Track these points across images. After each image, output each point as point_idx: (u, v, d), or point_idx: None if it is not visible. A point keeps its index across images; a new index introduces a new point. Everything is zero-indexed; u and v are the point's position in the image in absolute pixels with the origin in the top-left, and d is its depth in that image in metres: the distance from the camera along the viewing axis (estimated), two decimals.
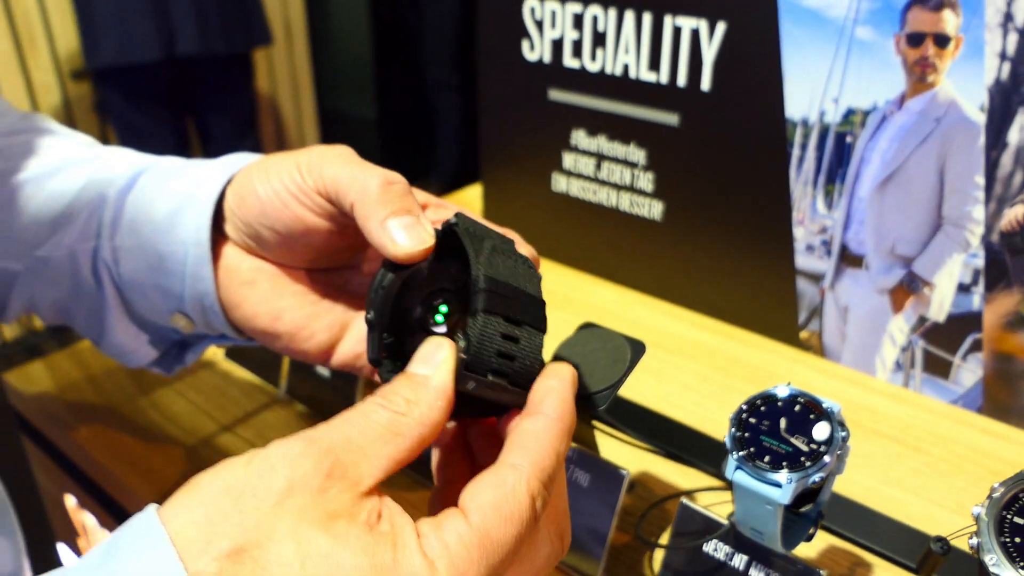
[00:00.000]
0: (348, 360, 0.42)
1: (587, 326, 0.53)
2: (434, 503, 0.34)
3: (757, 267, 0.77)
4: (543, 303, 0.34)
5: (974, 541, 0.35)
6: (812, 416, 0.41)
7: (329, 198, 0.36)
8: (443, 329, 0.34)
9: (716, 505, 0.57)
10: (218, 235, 0.41)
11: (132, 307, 0.46)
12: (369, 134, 4.68)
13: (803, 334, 0.76)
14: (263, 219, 0.38)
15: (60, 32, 2.57)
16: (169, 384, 0.73)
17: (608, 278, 0.88)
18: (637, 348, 0.51)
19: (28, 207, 0.47)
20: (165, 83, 2.24)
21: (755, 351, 0.77)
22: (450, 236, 0.33)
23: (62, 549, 0.81)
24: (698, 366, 0.74)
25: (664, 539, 0.54)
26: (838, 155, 0.69)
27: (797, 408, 0.42)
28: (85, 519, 0.73)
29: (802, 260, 0.74)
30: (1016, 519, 0.35)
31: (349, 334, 0.42)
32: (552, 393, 0.31)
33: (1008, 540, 0.34)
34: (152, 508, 0.23)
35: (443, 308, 0.34)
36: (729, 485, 0.43)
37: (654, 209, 0.82)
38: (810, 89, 0.68)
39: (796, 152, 0.71)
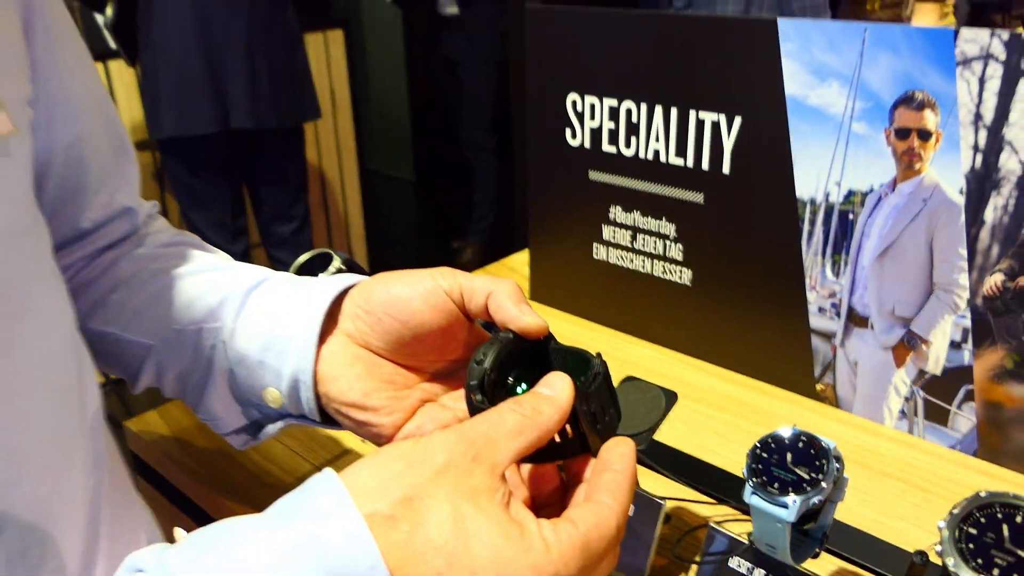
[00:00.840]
0: (410, 435, 0.50)
1: (629, 379, 0.64)
2: None
3: (776, 327, 0.87)
4: (616, 404, 0.44)
5: (939, 548, 0.45)
6: (813, 451, 0.51)
7: (458, 296, 0.47)
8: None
9: (740, 535, 0.66)
10: (329, 327, 0.51)
11: (235, 380, 0.55)
12: (408, 195, 4.87)
13: (819, 386, 0.86)
14: (388, 308, 0.48)
15: (125, 106, 2.77)
16: None
17: (644, 337, 0.99)
18: (671, 397, 0.62)
19: (172, 297, 0.58)
20: (221, 153, 2.38)
21: (776, 401, 0.87)
22: (552, 352, 0.44)
23: None
24: (726, 415, 0.84)
25: (696, 559, 0.64)
26: (842, 230, 0.79)
27: (800, 444, 0.52)
28: None
29: (815, 320, 0.84)
30: (970, 530, 0.44)
31: (414, 419, 0.51)
32: (626, 457, 0.39)
33: (963, 547, 0.44)
34: (329, 469, 0.34)
35: (523, 385, 0.45)
36: (747, 509, 0.53)
37: (684, 275, 0.93)
38: (816, 173, 0.79)
39: (806, 227, 0.82)
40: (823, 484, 0.50)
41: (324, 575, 0.30)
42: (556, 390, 0.39)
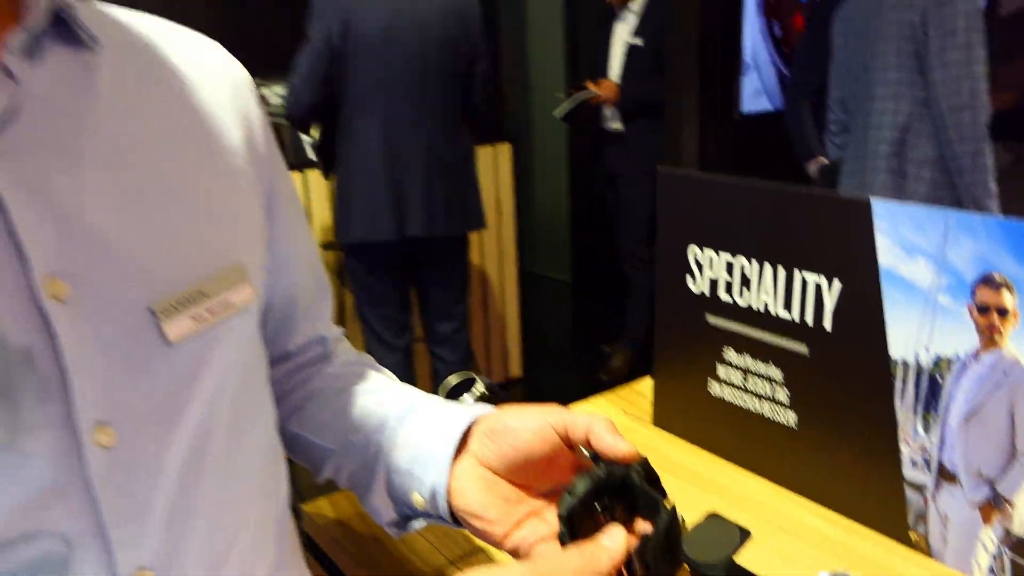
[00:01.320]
0: (516, 544, 0.63)
1: (713, 516, 0.74)
2: None
3: (872, 474, 0.94)
4: (679, 552, 0.55)
5: None
6: None
7: (563, 430, 0.60)
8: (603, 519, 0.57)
9: None
10: (461, 448, 0.65)
11: (391, 483, 0.70)
12: (565, 296, 5.07)
13: (912, 535, 0.91)
14: (506, 437, 0.63)
15: (317, 210, 3.14)
16: None
17: (752, 469, 1.08)
18: (744, 534, 0.72)
19: (351, 412, 0.75)
20: (397, 257, 2.66)
21: (870, 545, 0.93)
22: (633, 487, 0.56)
23: None
24: (819, 554, 0.91)
25: None
26: (932, 391, 0.87)
27: None
28: None
29: (909, 472, 0.90)
30: None
31: (521, 529, 0.63)
32: None
33: None
34: None
35: (604, 516, 0.57)
36: None
37: (789, 417, 1.02)
38: (907, 337, 0.88)
39: (899, 384, 0.89)
40: None
41: None
42: (614, 543, 0.50)
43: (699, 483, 1.06)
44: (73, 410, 0.48)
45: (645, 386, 1.32)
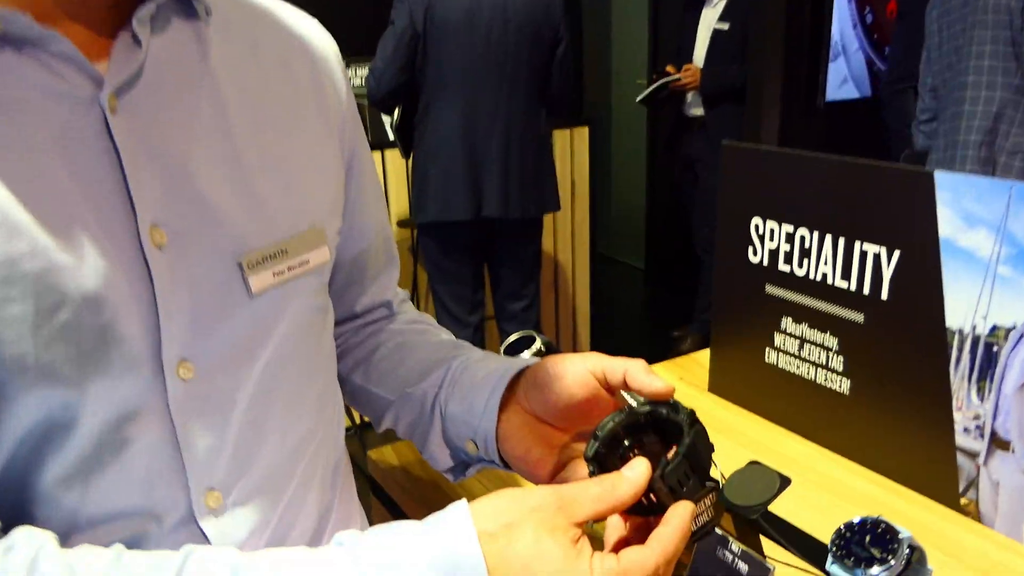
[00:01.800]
0: (552, 480, 0.67)
1: (753, 463, 0.77)
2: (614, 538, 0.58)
3: (925, 440, 0.95)
4: (707, 470, 0.57)
5: None
6: (888, 536, 0.63)
7: (601, 375, 0.64)
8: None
9: None
10: (509, 397, 0.69)
11: (446, 432, 0.74)
12: (636, 281, 5.07)
13: (963, 500, 0.93)
14: (549, 383, 0.66)
15: (394, 190, 3.22)
16: None
17: (804, 435, 1.10)
18: (784, 481, 0.75)
19: (409, 363, 0.79)
20: (470, 237, 2.70)
21: (919, 509, 0.94)
22: (660, 421, 0.60)
23: None
24: (865, 513, 0.93)
25: None
26: (987, 359, 0.88)
27: (879, 530, 0.64)
28: None
29: (961, 439, 0.92)
30: None
31: (565, 470, 0.66)
32: (680, 517, 0.52)
33: None
34: (464, 500, 0.50)
35: (635, 451, 0.60)
36: None
37: (843, 385, 1.03)
38: (965, 306, 0.89)
39: (955, 353, 0.90)
40: (891, 562, 0.61)
41: (446, 563, 0.47)
42: (635, 473, 0.53)
43: (747, 443, 1.09)
44: (160, 346, 0.55)
45: (703, 356, 1.35)
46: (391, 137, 3.18)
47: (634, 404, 0.62)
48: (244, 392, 0.61)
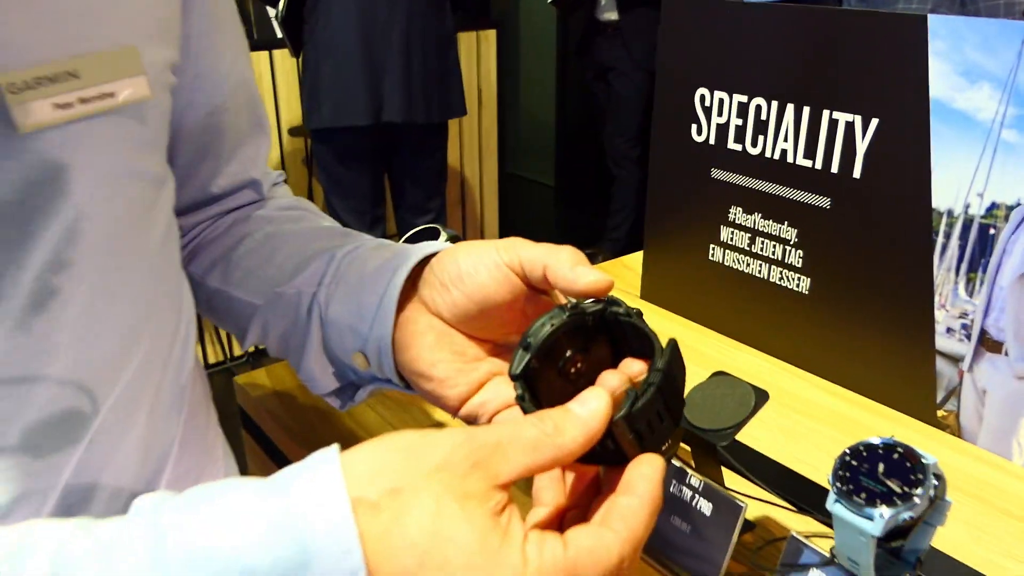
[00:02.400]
0: (473, 410, 0.50)
1: (719, 374, 0.61)
2: (552, 515, 0.40)
3: (897, 345, 0.81)
4: (681, 407, 0.40)
5: None
6: (908, 464, 0.47)
7: (519, 270, 0.46)
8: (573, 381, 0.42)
9: (825, 550, 0.62)
10: (410, 294, 0.52)
11: (328, 343, 0.57)
12: (546, 200, 4.90)
13: (940, 413, 0.79)
14: (456, 281, 0.48)
15: (284, 97, 2.93)
16: None
17: (754, 345, 0.95)
18: (761, 396, 0.59)
19: (280, 258, 0.61)
20: (369, 144, 2.48)
21: (890, 424, 0.81)
22: (613, 323, 0.42)
23: None
24: (832, 431, 0.79)
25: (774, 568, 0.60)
26: (981, 245, 0.73)
27: (895, 456, 0.48)
28: None
29: (942, 342, 0.78)
30: None
31: (480, 392, 0.50)
32: (650, 480, 0.36)
33: None
34: (335, 446, 0.33)
35: (578, 365, 0.42)
36: (831, 521, 0.49)
37: (802, 283, 0.88)
38: (956, 182, 0.73)
39: (940, 239, 0.76)
40: (916, 500, 0.46)
41: (298, 549, 0.30)
42: (588, 410, 0.35)
43: (688, 357, 0.93)
44: None
45: (634, 260, 1.18)
46: (279, 34, 2.87)
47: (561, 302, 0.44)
48: (17, 286, 0.41)
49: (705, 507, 0.60)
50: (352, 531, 0.30)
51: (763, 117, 0.87)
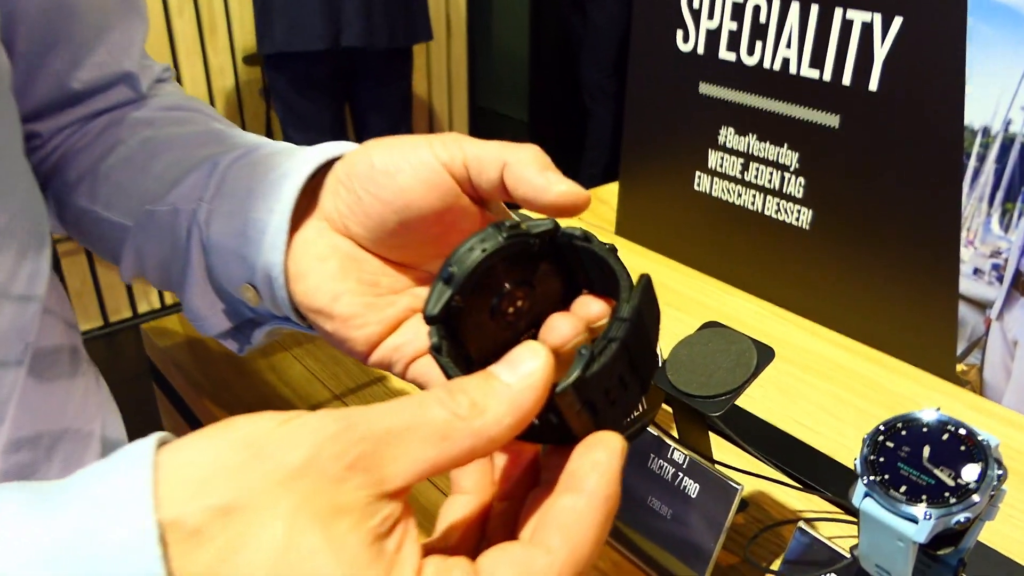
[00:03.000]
0: (386, 355, 0.39)
1: (711, 325, 0.49)
2: (474, 518, 0.29)
3: (914, 289, 0.70)
4: (654, 365, 0.29)
5: None
6: (963, 448, 0.36)
7: (461, 170, 0.34)
8: (512, 326, 0.30)
9: (838, 538, 0.51)
10: (311, 207, 0.40)
11: (212, 272, 0.45)
12: (519, 135, 4.74)
13: (960, 367, 0.68)
14: (369, 184, 0.36)
15: (237, 20, 2.74)
16: (288, 349, 0.74)
17: (744, 287, 0.83)
18: (765, 353, 0.47)
19: (155, 169, 0.48)
20: (328, 71, 2.34)
21: (903, 380, 0.70)
22: (568, 250, 0.30)
23: None
24: (835, 388, 0.68)
25: (775, 566, 0.49)
26: (1022, 170, 0.61)
27: (945, 437, 0.36)
28: None
29: (967, 284, 0.66)
30: None
31: (397, 333, 0.40)
32: (598, 469, 0.25)
33: None
34: (155, 437, 0.21)
35: (517, 304, 0.30)
36: (855, 514, 0.38)
37: (802, 217, 0.76)
38: (996, 94, 0.61)
39: (972, 164, 0.63)
40: (975, 497, 0.34)
41: None
42: (520, 376, 0.24)
43: (671, 302, 0.82)
44: None
45: (608, 191, 1.06)
46: None
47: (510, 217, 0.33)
48: None
49: (691, 487, 0.49)
50: (157, 568, 0.20)
51: (762, 19, 0.74)
